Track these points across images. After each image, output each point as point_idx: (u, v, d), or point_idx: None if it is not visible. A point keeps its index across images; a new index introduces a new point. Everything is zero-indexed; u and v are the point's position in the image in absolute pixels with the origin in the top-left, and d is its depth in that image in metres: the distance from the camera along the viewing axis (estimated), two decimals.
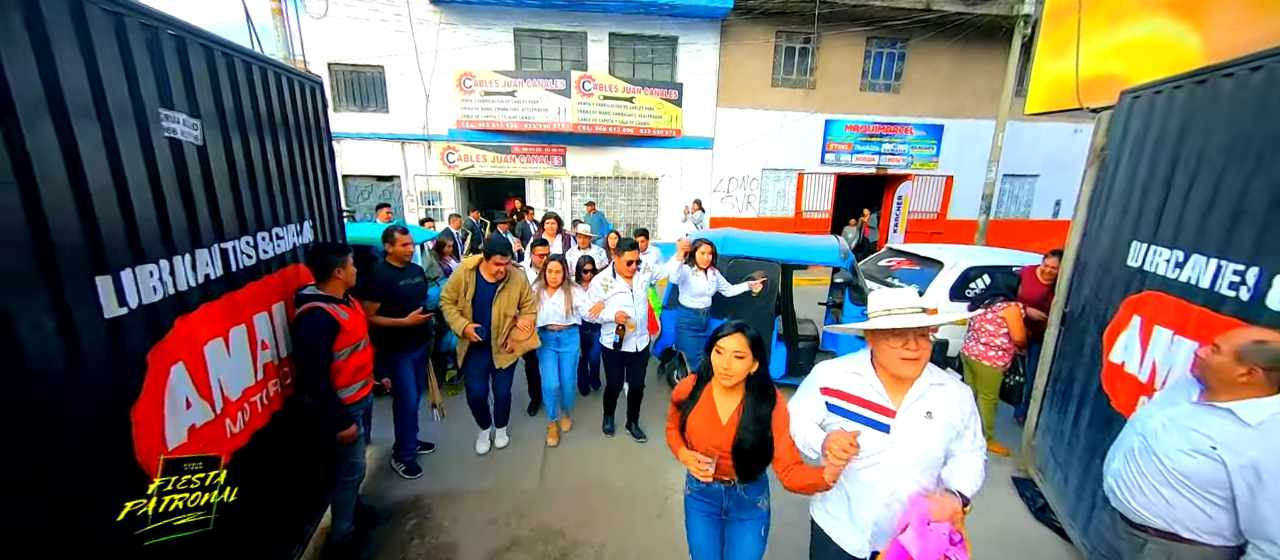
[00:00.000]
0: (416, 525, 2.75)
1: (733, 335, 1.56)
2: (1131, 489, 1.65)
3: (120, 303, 1.39)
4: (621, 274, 3.38)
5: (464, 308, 3.04)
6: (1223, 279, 1.93)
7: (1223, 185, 1.99)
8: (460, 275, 3.07)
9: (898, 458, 1.46)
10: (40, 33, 1.20)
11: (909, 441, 1.45)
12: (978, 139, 11.00)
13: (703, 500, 1.78)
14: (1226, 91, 2.05)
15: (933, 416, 1.44)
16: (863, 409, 1.49)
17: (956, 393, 1.47)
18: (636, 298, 3.40)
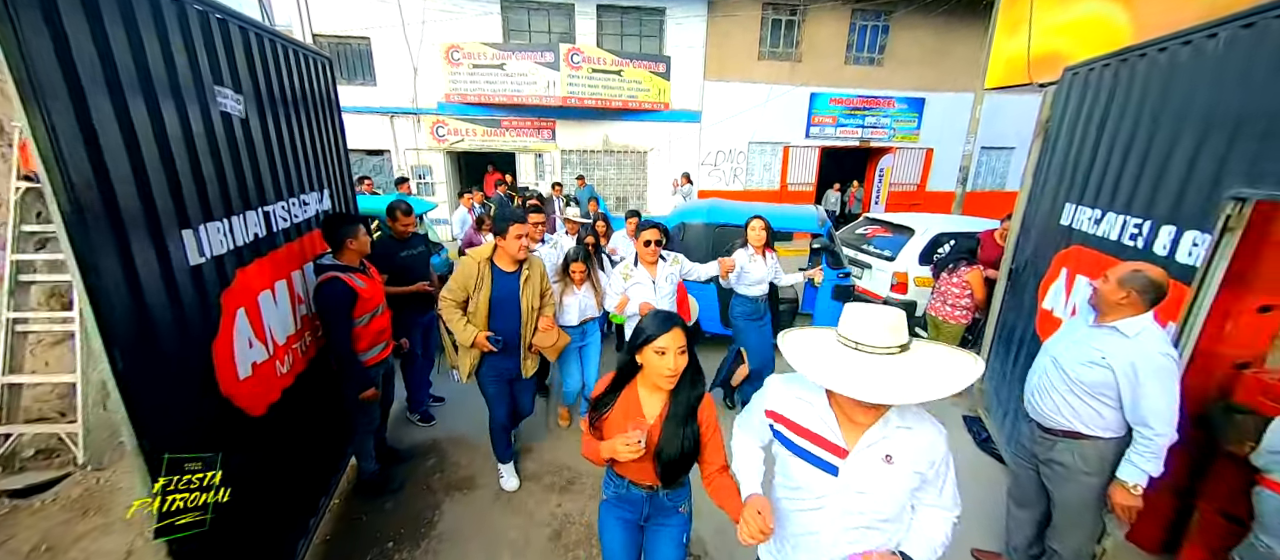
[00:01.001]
0: (436, 463, 3.08)
1: (671, 331, 1.35)
2: (1043, 400, 2.03)
3: (200, 253, 1.65)
4: (642, 261, 3.01)
5: (478, 309, 2.45)
6: (1126, 232, 2.29)
7: (1130, 153, 2.33)
8: (468, 271, 2.44)
9: (845, 505, 1.22)
10: (132, 21, 1.42)
11: (860, 489, 1.19)
12: (958, 112, 11.29)
13: (620, 506, 1.63)
14: (1138, 71, 2.37)
15: (892, 462, 1.17)
16: (809, 444, 1.25)
17: (929, 437, 1.18)
18: (660, 291, 3.00)
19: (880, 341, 1.13)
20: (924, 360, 1.15)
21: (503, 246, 2.44)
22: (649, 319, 1.40)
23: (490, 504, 2.77)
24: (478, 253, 2.50)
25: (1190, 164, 1.96)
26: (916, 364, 1.14)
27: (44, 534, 2.43)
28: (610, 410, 1.50)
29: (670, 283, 3.08)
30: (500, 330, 2.49)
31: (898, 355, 1.14)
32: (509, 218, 2.43)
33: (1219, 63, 1.91)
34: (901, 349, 1.15)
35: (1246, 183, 1.71)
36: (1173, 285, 1.94)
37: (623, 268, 3.07)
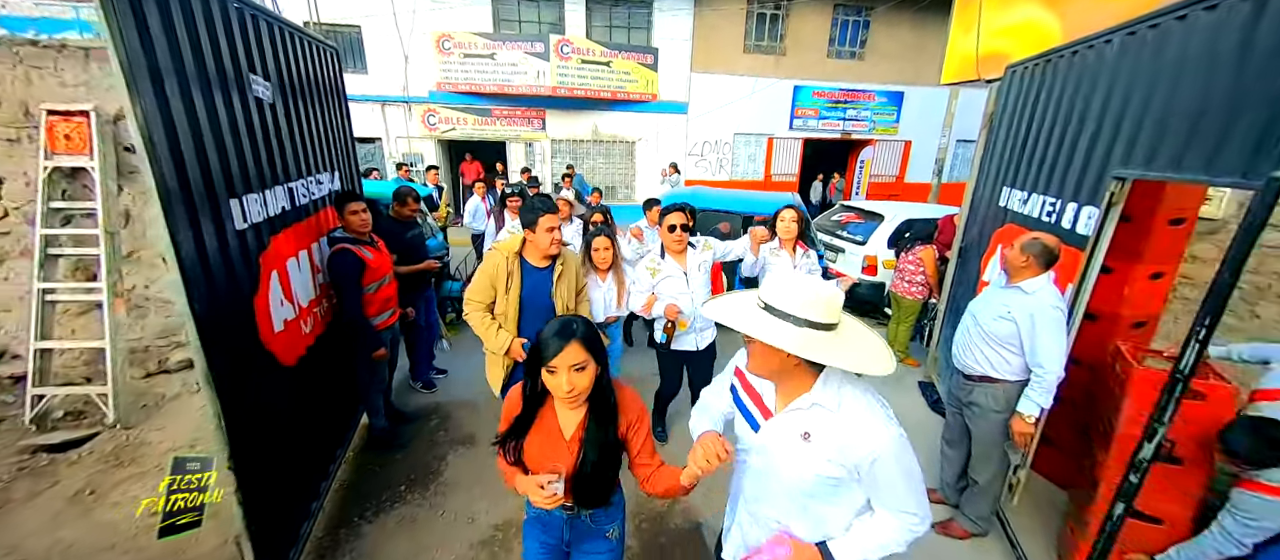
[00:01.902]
0: (439, 422, 3.38)
1: (567, 348, 1.17)
2: (965, 352, 2.39)
3: (243, 219, 1.92)
4: (670, 252, 2.69)
5: (507, 310, 2.22)
6: (1044, 209, 2.65)
7: (1050, 141, 2.68)
8: (495, 267, 2.22)
9: (760, 465, 1.23)
10: (193, 19, 1.68)
11: (771, 451, 1.19)
12: (935, 106, 11.70)
13: (540, 528, 1.45)
14: (1058, 69, 2.72)
15: (809, 440, 1.13)
16: (748, 398, 1.27)
17: (858, 433, 1.08)
18: (694, 283, 2.67)
19: (805, 296, 1.04)
20: (843, 335, 1.09)
21: (532, 240, 2.21)
22: (545, 331, 1.22)
23: (490, 456, 3.07)
24: (505, 246, 2.26)
25: (1088, 150, 2.32)
26: (846, 341, 1.08)
27: (87, 480, 2.68)
28: (530, 431, 1.31)
29: (704, 272, 2.70)
30: (531, 333, 2.17)
31: (816, 331, 1.05)
32: (539, 208, 2.18)
33: (1111, 64, 2.26)
34: (826, 328, 1.06)
35: (1124, 165, 2.07)
36: (1072, 252, 2.31)
37: (649, 261, 2.72)
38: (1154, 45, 2.01)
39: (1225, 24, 1.67)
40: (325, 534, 2.44)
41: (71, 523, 2.41)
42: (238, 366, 1.81)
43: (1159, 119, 1.92)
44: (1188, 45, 1.82)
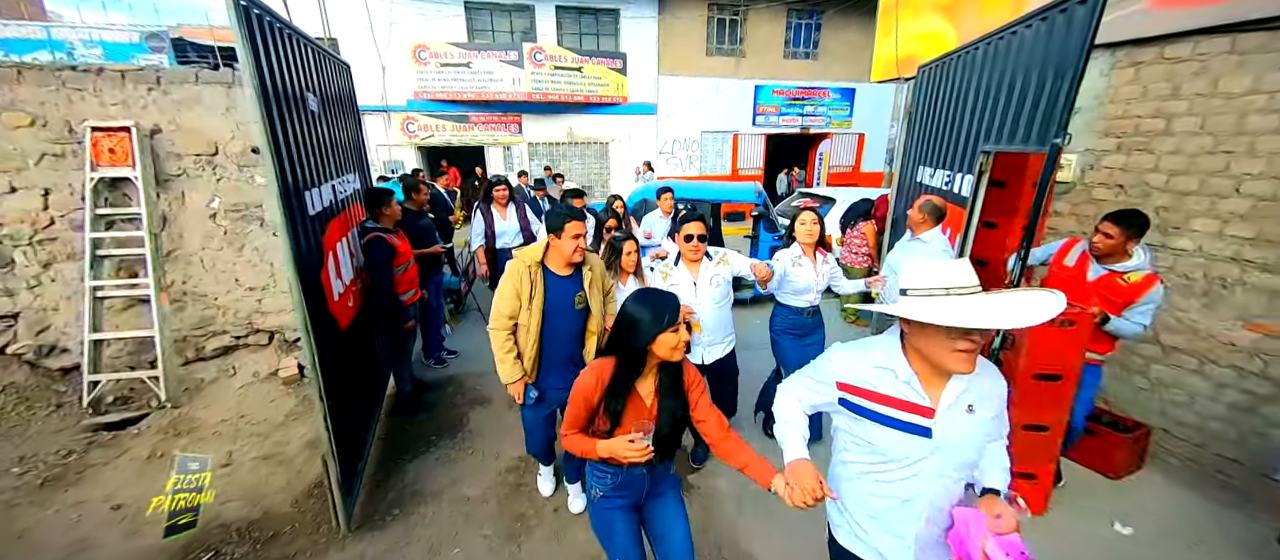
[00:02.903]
0: (456, 389, 3.87)
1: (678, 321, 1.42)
2: (886, 296, 3.06)
3: (314, 207, 2.41)
4: (686, 259, 2.64)
5: (530, 323, 2.14)
6: (943, 180, 3.35)
7: (947, 126, 3.39)
8: (517, 276, 2.12)
9: (940, 465, 1.20)
10: (285, 50, 2.17)
11: (952, 442, 1.18)
12: (884, 100, 12.70)
13: (621, 495, 1.59)
14: (951, 68, 3.43)
15: (974, 411, 1.19)
16: (896, 410, 1.20)
17: (993, 377, 1.23)
18: (703, 295, 2.60)
19: (966, 281, 1.11)
20: (1006, 296, 1.13)
21: (556, 246, 2.12)
22: (656, 305, 1.43)
23: (506, 411, 3.59)
24: (526, 255, 2.16)
25: (967, 132, 3.02)
26: (1004, 298, 1.11)
27: (153, 447, 3.08)
28: (627, 404, 1.48)
29: (716, 286, 2.64)
30: (553, 343, 2.21)
31: (984, 293, 1.11)
32: (565, 214, 2.09)
33: (980, 64, 2.96)
34: (981, 289, 1.12)
35: (988, 142, 2.76)
36: (957, 210, 3.00)
37: (664, 268, 2.70)
38: (1004, 50, 2.71)
39: (1039, 34, 2.36)
40: (376, 471, 2.92)
41: (154, 478, 2.82)
42: (317, 323, 2.30)
43: (1006, 106, 2.61)
44: (1021, 50, 2.52)
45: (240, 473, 2.90)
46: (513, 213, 4.53)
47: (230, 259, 3.77)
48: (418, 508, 2.65)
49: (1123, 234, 2.31)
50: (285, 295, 3.91)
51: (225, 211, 3.69)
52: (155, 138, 3.53)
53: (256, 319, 3.91)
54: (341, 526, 2.41)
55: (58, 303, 3.53)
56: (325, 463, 2.31)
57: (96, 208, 3.42)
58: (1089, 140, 3.24)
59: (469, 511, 2.63)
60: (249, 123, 3.67)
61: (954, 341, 1.09)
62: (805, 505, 1.19)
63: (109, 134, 3.37)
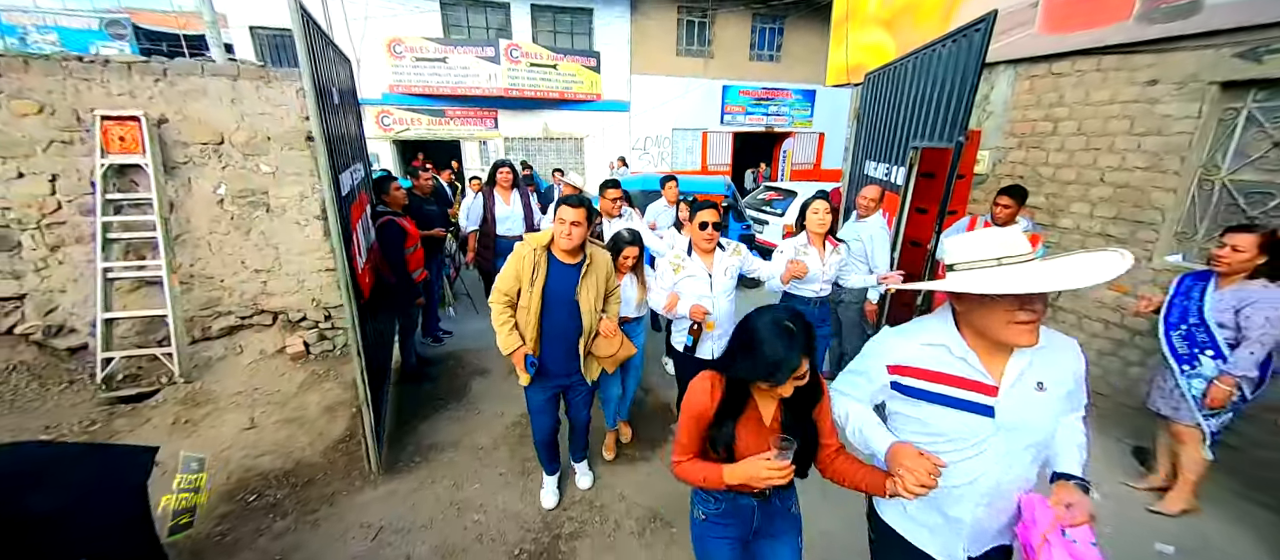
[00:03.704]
0: (456, 362, 4.21)
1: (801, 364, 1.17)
2: (844, 271, 3.61)
3: (344, 188, 2.73)
4: (698, 249, 2.52)
5: (530, 305, 2.14)
6: (884, 172, 3.94)
7: (886, 126, 3.98)
8: (521, 258, 2.14)
9: (1005, 445, 1.12)
10: (325, 54, 2.49)
11: (1019, 422, 1.10)
12: (842, 102, 13.55)
13: (726, 524, 1.40)
14: (890, 76, 4.02)
15: (1044, 388, 1.10)
16: (955, 389, 1.14)
17: (1069, 352, 1.15)
18: (717, 287, 2.51)
19: (1019, 249, 1.04)
20: (1062, 260, 1.06)
21: (560, 238, 2.13)
22: (772, 344, 1.16)
23: (504, 380, 3.96)
24: (534, 239, 2.18)
25: (902, 131, 3.60)
26: (1060, 263, 1.04)
27: (175, 415, 3.30)
28: (741, 420, 1.28)
29: (730, 277, 2.54)
30: (554, 329, 2.21)
31: (1037, 260, 1.05)
32: (561, 201, 2.12)
33: (912, 73, 3.54)
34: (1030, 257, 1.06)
35: (916, 139, 3.34)
36: (893, 197, 3.58)
37: (673, 257, 2.57)
38: (927, 64, 3.29)
39: (950, 52, 2.93)
40: (393, 430, 3.25)
41: (182, 440, 3.06)
42: (353, 294, 2.64)
43: (928, 110, 3.19)
44: (939, 65, 3.09)
45: (266, 434, 3.17)
46: (517, 198, 4.41)
47: (237, 243, 3.97)
48: (436, 455, 3.01)
49: (1015, 204, 2.92)
50: (290, 278, 4.14)
51: (232, 198, 3.90)
52: (162, 127, 3.70)
53: (262, 300, 4.12)
54: (374, 469, 2.75)
55: (65, 285, 3.65)
56: (360, 412, 2.65)
57: (106, 193, 3.57)
58: (998, 140, 3.90)
59: (483, 457, 3.01)
60: (255, 114, 3.89)
61: (1012, 313, 1.02)
62: (924, 490, 1.04)
63: (119, 123, 3.53)
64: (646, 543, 2.42)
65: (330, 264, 4.20)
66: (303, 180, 4.06)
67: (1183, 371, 2.36)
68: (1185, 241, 3.06)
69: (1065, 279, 0.98)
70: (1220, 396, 2.23)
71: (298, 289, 4.18)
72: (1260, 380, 2.24)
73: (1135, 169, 3.12)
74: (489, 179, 4.45)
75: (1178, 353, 2.38)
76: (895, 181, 3.72)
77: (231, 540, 2.39)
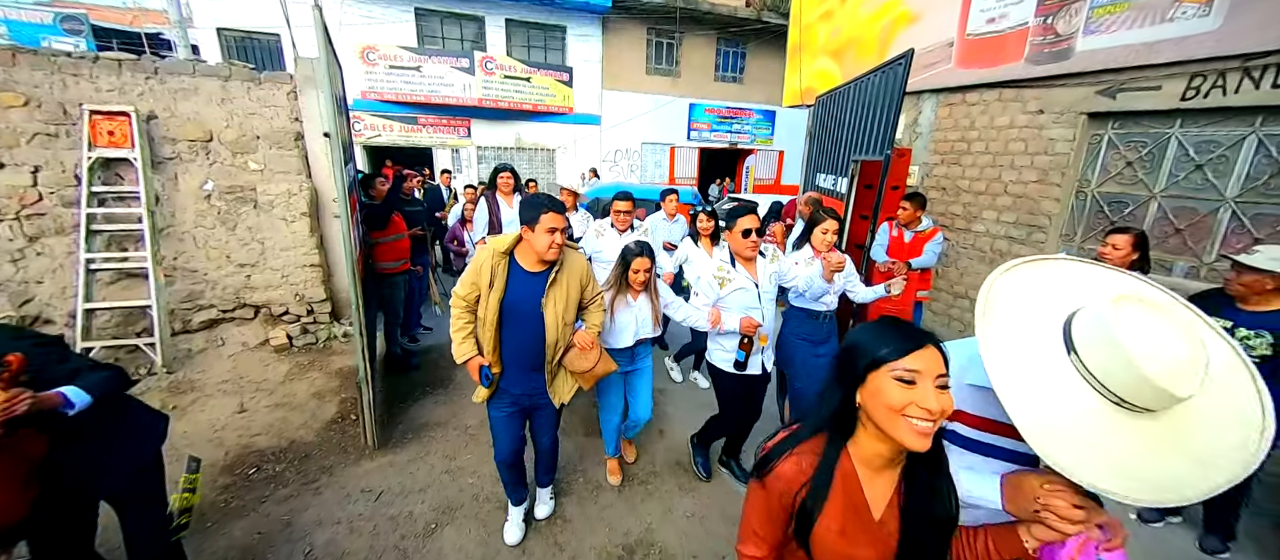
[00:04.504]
0: (438, 354, 4.41)
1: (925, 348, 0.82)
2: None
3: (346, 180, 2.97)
4: (740, 256, 2.33)
5: (486, 316, 1.93)
6: (832, 183, 4.48)
7: (833, 142, 4.54)
8: (479, 265, 1.96)
9: None
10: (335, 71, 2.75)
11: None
12: (800, 122, 14.48)
13: None
14: (837, 99, 4.60)
15: None
16: (1000, 437, 0.94)
17: None
18: (766, 296, 2.34)
19: (1182, 390, 0.69)
20: (1190, 417, 0.73)
21: (529, 240, 1.92)
22: (881, 330, 0.86)
23: None
24: (497, 242, 1.96)
25: (844, 146, 4.14)
26: (1180, 426, 0.72)
27: (162, 402, 3.37)
28: (825, 506, 0.87)
29: (774, 284, 2.38)
30: (514, 343, 1.98)
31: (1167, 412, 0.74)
32: (543, 204, 1.87)
33: (853, 97, 4.10)
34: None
35: (856, 154, 3.88)
36: (837, 204, 4.11)
37: (715, 268, 2.36)
38: (864, 90, 3.84)
39: (880, 81, 3.48)
40: (383, 412, 3.44)
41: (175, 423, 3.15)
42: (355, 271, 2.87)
43: (865, 129, 3.73)
44: (872, 91, 3.64)
45: (258, 416, 3.30)
46: (519, 203, 4.25)
47: (222, 237, 4.07)
48: (427, 433, 3.24)
49: (916, 207, 3.48)
50: (274, 272, 4.26)
51: (220, 193, 4.01)
52: (151, 123, 3.81)
53: (245, 294, 4.21)
54: (372, 443, 2.96)
55: (42, 276, 3.66)
56: (361, 389, 2.86)
57: (92, 186, 3.63)
58: (926, 156, 4.52)
59: (472, 434, 3.26)
60: (244, 114, 4.04)
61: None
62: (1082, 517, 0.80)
63: (109, 117, 3.63)
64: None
65: (314, 260, 4.36)
66: (290, 178, 4.22)
67: None
68: (1068, 242, 3.70)
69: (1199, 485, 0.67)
70: None
71: (281, 283, 4.30)
72: None
73: (1029, 182, 3.76)
74: (490, 183, 4.38)
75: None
76: (840, 190, 4.25)
77: (237, 506, 2.54)
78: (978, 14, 3.93)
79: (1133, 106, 3.20)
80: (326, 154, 4.22)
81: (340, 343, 4.43)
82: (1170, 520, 2.58)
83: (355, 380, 3.71)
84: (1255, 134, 2.87)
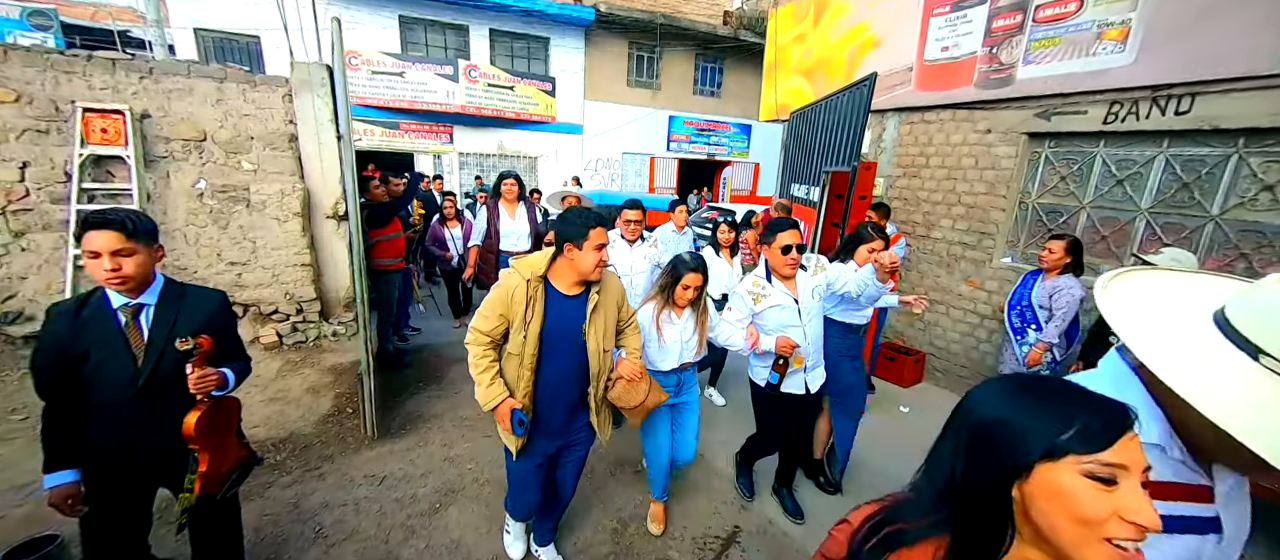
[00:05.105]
0: (431, 352, 4.53)
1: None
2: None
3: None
4: (778, 273, 2.19)
5: (525, 349, 1.69)
6: (805, 192, 4.82)
7: (806, 154, 4.89)
8: (510, 290, 1.69)
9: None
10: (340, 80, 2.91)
11: (1238, 535, 0.77)
12: (775, 135, 15.07)
13: None
14: (802, 118, 4.96)
15: (1244, 483, 0.78)
16: (1176, 503, 0.73)
17: None
18: (807, 313, 2.18)
19: None
20: None
21: (573, 260, 1.69)
22: (1046, 395, 0.61)
23: None
24: (526, 265, 1.71)
25: (816, 158, 4.49)
26: None
27: None
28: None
29: (817, 299, 2.21)
30: (553, 379, 1.75)
31: None
32: (589, 219, 1.66)
33: (824, 113, 4.46)
34: None
35: (826, 165, 4.22)
36: (808, 211, 4.44)
37: (749, 284, 2.22)
38: (834, 107, 4.20)
39: (848, 100, 3.83)
40: (379, 406, 3.54)
41: None
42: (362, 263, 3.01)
43: (835, 142, 4.08)
44: (841, 108, 3.99)
45: (253, 410, 3.36)
46: (523, 212, 4.16)
47: (214, 236, 4.11)
48: (425, 424, 3.36)
49: (880, 215, 3.83)
50: (265, 271, 4.31)
51: (212, 192, 4.06)
52: (144, 121, 3.84)
53: (235, 293, 4.24)
54: (372, 432, 3.07)
55: (27, 272, 3.64)
56: (362, 380, 2.98)
57: (82, 182, 3.64)
58: (889, 170, 4.92)
59: (469, 425, 3.40)
60: (239, 115, 4.11)
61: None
62: None
63: (102, 115, 3.66)
64: None
65: (305, 260, 4.42)
66: (283, 178, 4.30)
67: (1017, 341, 3.26)
68: (1012, 247, 4.11)
69: None
70: (1035, 356, 3.13)
71: (272, 282, 4.35)
72: (1069, 345, 3.15)
73: (979, 194, 4.17)
74: (494, 190, 4.21)
75: (1015, 327, 3.28)
76: (813, 199, 4.59)
77: (242, 491, 2.62)
78: (934, 43, 4.35)
79: (1065, 128, 3.64)
80: (320, 157, 4.32)
81: (330, 341, 4.48)
82: None
83: (350, 375, 3.82)
84: (1163, 154, 3.33)
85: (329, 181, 4.37)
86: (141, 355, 1.49)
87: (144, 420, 1.50)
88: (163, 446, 1.54)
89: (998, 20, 3.91)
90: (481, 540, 2.38)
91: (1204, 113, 3.02)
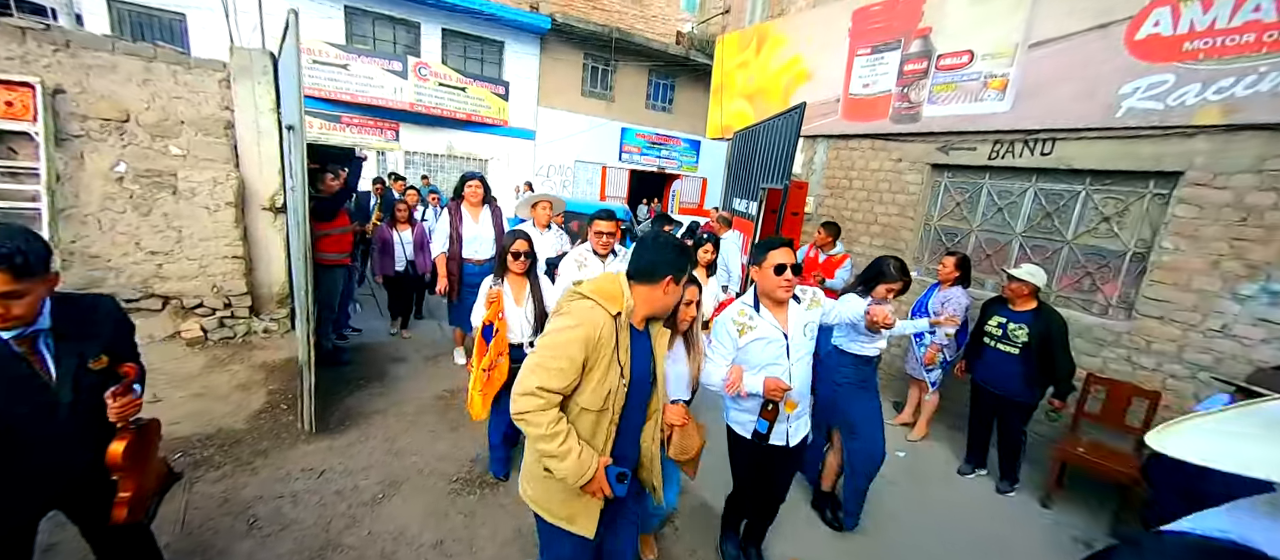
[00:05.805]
0: (371, 351, 4.44)
1: None
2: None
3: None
4: (770, 298, 1.90)
5: (613, 403, 1.41)
6: (745, 206, 5.21)
7: (746, 171, 5.29)
8: (597, 331, 1.35)
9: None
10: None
11: None
12: (721, 152, 15.76)
13: None
14: (744, 138, 5.38)
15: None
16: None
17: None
18: (796, 350, 1.89)
19: None
20: None
21: (653, 299, 1.46)
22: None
23: (423, 366, 4.31)
24: (605, 294, 1.41)
25: (754, 175, 4.89)
26: None
27: None
28: None
29: (809, 337, 1.93)
30: (630, 435, 1.52)
31: None
32: (686, 253, 1.49)
33: (761, 135, 4.87)
34: None
35: (763, 182, 4.61)
36: (746, 224, 4.81)
37: (735, 313, 1.92)
38: (769, 130, 4.61)
39: (783, 124, 4.24)
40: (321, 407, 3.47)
41: None
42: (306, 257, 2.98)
43: (770, 162, 4.47)
44: (776, 131, 4.40)
45: (175, 406, 3.20)
46: (487, 216, 3.89)
47: (133, 223, 3.85)
48: (365, 420, 3.34)
49: (828, 235, 4.26)
50: (191, 262, 4.08)
51: (134, 177, 3.82)
52: (57, 97, 3.58)
53: (154, 284, 3.98)
54: (310, 428, 3.02)
55: None
56: (302, 373, 2.95)
57: None
58: (819, 189, 5.43)
59: (412, 419, 3.41)
60: (169, 97, 3.92)
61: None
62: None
63: (7, 87, 3.38)
64: None
65: (237, 252, 4.24)
66: (217, 166, 4.12)
67: (917, 344, 3.74)
68: (919, 263, 4.68)
69: None
70: (930, 356, 3.61)
71: (198, 274, 4.13)
72: (958, 348, 3.65)
73: (892, 215, 4.72)
74: (455, 193, 3.90)
75: (917, 332, 3.75)
76: (752, 213, 4.98)
77: None
78: (857, 80, 4.90)
79: (959, 161, 4.23)
80: (259, 146, 4.18)
81: (261, 338, 4.30)
82: (979, 472, 3.44)
83: (284, 372, 3.72)
84: (1032, 187, 3.97)
85: (266, 172, 4.23)
86: (54, 382, 1.33)
87: (58, 447, 1.38)
88: (76, 471, 1.44)
89: (908, 64, 4.49)
90: (427, 527, 2.44)
91: (1062, 154, 3.66)
